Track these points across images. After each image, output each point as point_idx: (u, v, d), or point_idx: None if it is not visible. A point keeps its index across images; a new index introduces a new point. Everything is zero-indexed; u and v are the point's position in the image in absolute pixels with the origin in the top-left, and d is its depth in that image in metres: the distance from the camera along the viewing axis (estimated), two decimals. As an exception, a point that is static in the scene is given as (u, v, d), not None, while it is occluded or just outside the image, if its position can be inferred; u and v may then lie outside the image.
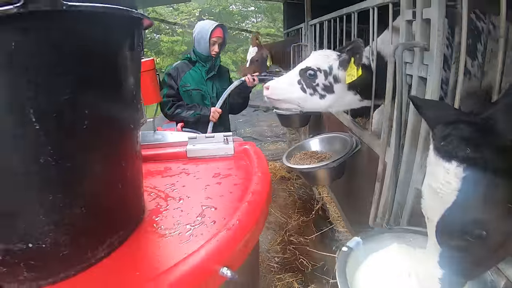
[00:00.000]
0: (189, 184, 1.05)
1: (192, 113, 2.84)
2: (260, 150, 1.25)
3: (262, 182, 0.97)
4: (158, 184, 1.05)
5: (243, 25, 16.45)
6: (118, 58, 0.69)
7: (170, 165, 1.22)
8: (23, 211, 0.62)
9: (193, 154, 1.27)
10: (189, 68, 2.94)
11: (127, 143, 0.77)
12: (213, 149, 1.28)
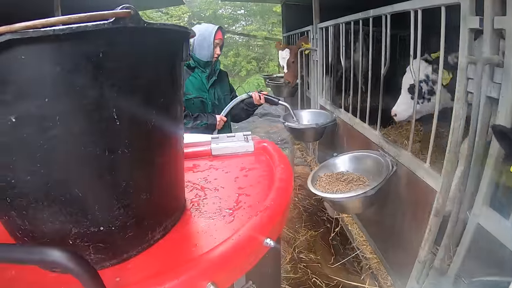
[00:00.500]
0: (220, 177, 1.21)
1: (199, 123, 2.83)
2: (278, 147, 1.41)
3: (286, 172, 1.12)
4: (192, 178, 1.21)
5: (233, 29, 16.51)
6: (176, 66, 0.85)
7: (197, 162, 1.37)
8: (100, 196, 0.74)
9: (217, 152, 1.42)
10: (188, 75, 2.92)
11: (178, 140, 0.92)
12: (235, 147, 1.43)
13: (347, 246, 3.25)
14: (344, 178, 2.27)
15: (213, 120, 2.86)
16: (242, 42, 16.59)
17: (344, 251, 3.25)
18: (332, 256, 3.31)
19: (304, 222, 4.06)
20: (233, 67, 15.56)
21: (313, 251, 3.51)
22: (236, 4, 16.17)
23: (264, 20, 16.18)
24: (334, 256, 3.29)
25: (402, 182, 2.12)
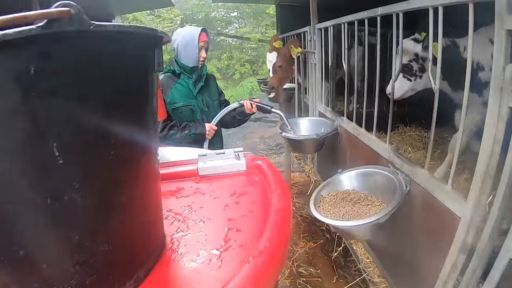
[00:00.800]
0: (207, 205, 1.04)
1: (188, 133, 2.76)
2: (273, 165, 1.25)
3: (283, 199, 0.96)
4: (174, 206, 1.04)
5: (226, 31, 16.46)
6: (144, 79, 0.69)
7: (182, 185, 1.21)
8: (48, 254, 0.59)
9: (205, 172, 1.26)
10: (174, 82, 2.85)
11: (151, 168, 0.76)
12: (224, 166, 1.27)
13: (348, 259, 3.16)
14: (350, 198, 2.08)
15: (202, 129, 2.79)
16: (235, 45, 16.54)
17: (346, 263, 3.14)
18: (333, 269, 3.19)
19: (303, 233, 3.96)
20: (226, 70, 15.53)
21: (312, 264, 3.40)
22: (229, 7, 16.15)
23: (257, 22, 16.15)
24: (335, 270, 3.19)
25: (417, 203, 1.92)
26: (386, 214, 1.76)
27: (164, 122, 2.74)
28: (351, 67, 3.03)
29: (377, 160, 2.31)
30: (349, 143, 2.91)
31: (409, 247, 2.07)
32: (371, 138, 2.42)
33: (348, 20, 2.62)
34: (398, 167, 2.06)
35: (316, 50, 3.66)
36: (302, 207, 4.54)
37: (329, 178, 2.28)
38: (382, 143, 2.28)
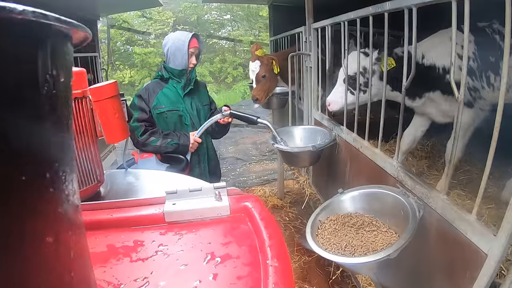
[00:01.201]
0: (170, 279, 0.71)
1: (169, 142, 2.57)
2: (265, 208, 0.94)
3: (282, 276, 0.64)
4: (125, 275, 0.72)
5: (219, 34, 16.26)
6: (25, 88, 0.35)
7: (142, 237, 0.89)
8: None
9: (174, 217, 0.94)
10: (162, 87, 2.68)
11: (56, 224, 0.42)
12: (201, 210, 0.95)
13: (345, 274, 2.93)
14: (352, 222, 1.75)
15: (185, 140, 2.61)
16: (228, 48, 16.30)
17: (343, 279, 2.94)
18: (329, 286, 2.94)
19: (297, 246, 3.63)
20: (219, 74, 15.28)
21: (307, 280, 3.14)
22: (222, 9, 15.99)
23: (250, 25, 15.93)
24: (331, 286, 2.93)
25: (431, 232, 1.63)
26: (398, 248, 1.44)
27: (146, 127, 2.57)
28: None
29: (383, 178, 2.02)
30: (349, 156, 2.63)
31: (420, 284, 1.80)
32: (376, 152, 2.12)
33: (349, 18, 2.35)
34: (408, 187, 1.77)
35: (311, 52, 3.33)
36: (296, 217, 4.22)
37: (328, 200, 1.93)
38: (389, 158, 2.00)
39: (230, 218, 0.94)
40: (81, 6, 4.45)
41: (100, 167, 1.35)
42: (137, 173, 1.63)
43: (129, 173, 1.63)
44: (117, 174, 1.63)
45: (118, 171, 1.67)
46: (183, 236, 0.88)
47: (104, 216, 0.97)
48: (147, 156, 2.52)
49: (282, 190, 4.74)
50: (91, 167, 1.28)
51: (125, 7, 5.85)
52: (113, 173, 1.65)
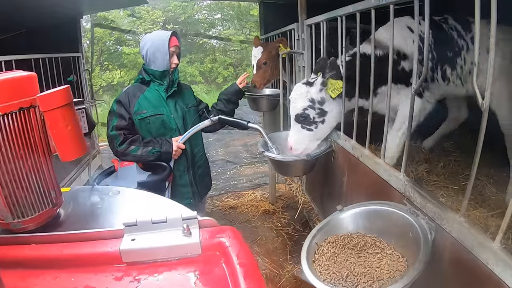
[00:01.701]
0: None
1: (150, 150, 2.43)
2: (245, 245, 0.74)
3: None
4: None
5: (210, 34, 16.07)
6: None
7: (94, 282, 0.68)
8: None
9: (133, 257, 0.73)
10: (143, 90, 2.54)
11: None
12: (165, 248, 0.73)
13: None
14: (353, 244, 1.54)
15: (167, 147, 2.47)
16: (219, 47, 16.09)
17: None
18: None
19: (290, 254, 3.58)
20: (209, 74, 15.05)
21: None
22: (212, 8, 15.86)
23: (241, 24, 15.74)
24: None
25: (445, 258, 1.41)
26: (409, 282, 1.22)
27: (125, 135, 2.41)
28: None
29: (387, 193, 1.79)
30: (347, 165, 2.39)
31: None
32: (380, 163, 1.88)
33: (347, 12, 2.11)
34: (418, 205, 1.55)
35: (305, 50, 3.09)
36: (288, 223, 4.12)
37: (326, 219, 1.72)
38: (394, 171, 1.76)
39: (201, 258, 0.74)
40: (62, 4, 4.21)
41: (57, 187, 1.13)
42: (104, 191, 1.40)
43: (96, 190, 1.41)
44: (81, 192, 1.41)
45: (84, 189, 1.45)
46: (141, 283, 0.66)
47: (54, 252, 0.81)
48: (128, 164, 2.34)
49: (273, 195, 4.62)
50: (45, 189, 1.06)
51: (109, 5, 5.61)
52: (78, 191, 1.42)
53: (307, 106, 2.32)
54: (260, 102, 4.17)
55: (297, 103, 2.36)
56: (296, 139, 2.42)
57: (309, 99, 2.32)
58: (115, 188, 1.38)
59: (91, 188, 1.41)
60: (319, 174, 2.92)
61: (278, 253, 3.60)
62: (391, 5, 1.63)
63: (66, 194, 1.31)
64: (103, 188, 1.43)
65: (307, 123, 2.37)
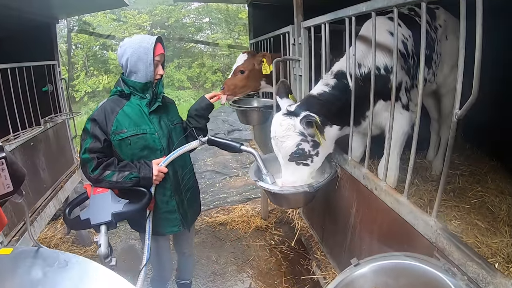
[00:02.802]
0: None
1: (127, 176, 2.09)
2: None
3: None
4: None
5: (197, 38, 15.91)
6: None
7: None
8: None
9: None
10: (122, 105, 2.17)
11: None
12: None
13: None
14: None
15: (147, 172, 2.13)
16: (207, 52, 15.91)
17: None
18: None
19: (285, 276, 3.39)
20: (197, 79, 14.83)
21: None
22: (200, 12, 15.74)
23: (230, 28, 15.59)
24: None
25: None
26: None
27: (99, 159, 2.07)
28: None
29: (412, 239, 1.45)
30: (356, 196, 2.04)
31: None
32: (402, 202, 1.52)
33: (358, 12, 1.72)
34: (455, 261, 1.22)
35: (302, 56, 2.68)
36: (282, 240, 3.90)
37: (339, 277, 1.34)
38: (423, 213, 1.41)
39: None
40: (35, 8, 3.85)
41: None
42: (50, 259, 1.03)
43: (40, 257, 1.04)
44: (22, 259, 1.03)
45: (26, 253, 1.07)
46: None
47: None
48: (102, 190, 2.05)
49: (266, 209, 4.37)
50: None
51: (86, 8, 5.25)
52: (18, 257, 1.04)
53: (300, 140, 1.99)
54: (251, 115, 3.79)
55: (287, 141, 2.00)
56: (294, 180, 2.08)
57: (299, 132, 1.98)
58: (63, 256, 1.02)
59: (36, 252, 1.05)
60: (319, 198, 2.55)
61: (273, 275, 3.42)
62: (423, 3, 1.26)
63: (3, 259, 0.97)
64: (49, 254, 1.06)
65: (303, 158, 2.04)
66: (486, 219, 2.39)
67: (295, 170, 2.07)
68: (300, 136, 1.97)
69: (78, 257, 1.02)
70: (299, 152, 2.00)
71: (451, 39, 2.58)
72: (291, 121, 1.99)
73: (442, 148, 3.12)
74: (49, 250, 1.07)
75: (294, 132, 1.97)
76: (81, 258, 1.01)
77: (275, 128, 2.05)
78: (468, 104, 1.09)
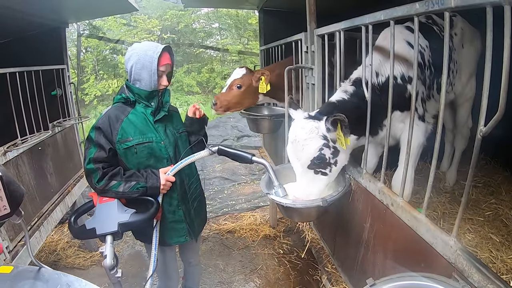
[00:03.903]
0: None
1: (134, 186, 2.03)
2: None
3: None
4: None
5: (207, 43, 15.92)
6: None
7: None
8: None
9: None
10: (127, 113, 2.11)
11: None
12: None
13: None
14: None
15: (154, 181, 2.07)
16: (216, 57, 15.91)
17: None
18: None
19: (293, 286, 3.34)
20: (207, 84, 14.80)
21: None
22: (210, 17, 15.73)
23: (239, 34, 15.58)
24: None
25: None
26: None
27: (104, 169, 2.00)
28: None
29: (430, 259, 1.38)
30: (371, 210, 1.96)
31: None
32: (420, 219, 1.44)
33: (375, 21, 1.65)
34: (475, 284, 1.15)
35: (315, 65, 2.60)
36: (291, 249, 3.84)
37: None
38: (442, 233, 1.33)
39: None
40: (45, 13, 3.84)
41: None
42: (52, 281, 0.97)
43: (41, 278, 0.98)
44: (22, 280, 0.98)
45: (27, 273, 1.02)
46: None
47: None
48: (108, 199, 1.99)
49: (274, 218, 4.30)
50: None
51: (96, 13, 5.25)
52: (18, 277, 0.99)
53: (322, 145, 1.89)
54: (261, 123, 3.70)
55: (310, 144, 1.89)
56: (310, 192, 1.96)
57: (322, 136, 1.89)
58: (65, 279, 0.97)
59: (37, 273, 0.99)
60: (332, 211, 2.46)
61: (281, 285, 3.37)
62: (446, 12, 1.20)
63: (3, 278, 0.92)
64: (50, 276, 1.00)
65: (323, 166, 1.93)
66: (500, 233, 2.33)
67: (312, 180, 1.96)
68: (323, 140, 1.88)
69: (82, 281, 0.96)
70: (321, 158, 1.89)
71: (467, 48, 2.54)
72: (315, 124, 1.90)
73: (456, 159, 3.05)
74: (51, 270, 1.02)
75: (317, 135, 1.88)
76: (84, 282, 0.95)
77: (296, 132, 1.95)
78: (494, 121, 1.02)
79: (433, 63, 2.17)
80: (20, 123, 3.08)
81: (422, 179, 2.51)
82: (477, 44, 2.62)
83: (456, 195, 2.85)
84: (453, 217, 2.50)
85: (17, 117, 3.05)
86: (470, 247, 2.09)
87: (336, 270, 2.42)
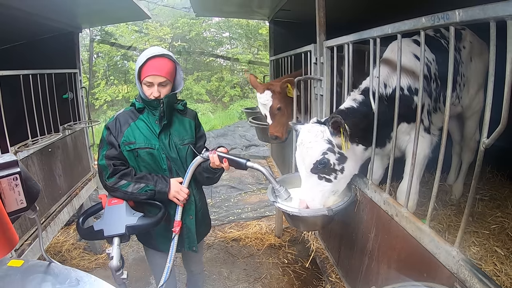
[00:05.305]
0: None
1: (143, 188, 2.04)
2: None
3: None
4: None
5: (217, 52, 16.02)
6: None
7: None
8: None
9: None
10: (135, 118, 2.15)
11: None
12: None
13: None
14: None
15: (163, 186, 2.07)
16: (226, 66, 15.97)
17: None
18: None
19: None
20: (216, 92, 14.87)
21: None
22: (220, 26, 15.84)
23: (249, 43, 15.64)
24: None
25: None
26: None
27: (115, 166, 2.03)
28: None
29: (430, 267, 1.40)
30: (376, 221, 1.96)
31: None
32: (424, 230, 1.45)
33: (383, 34, 1.67)
34: None
35: (324, 76, 2.60)
36: (295, 259, 3.84)
37: None
38: (445, 243, 1.34)
39: None
40: (60, 17, 3.92)
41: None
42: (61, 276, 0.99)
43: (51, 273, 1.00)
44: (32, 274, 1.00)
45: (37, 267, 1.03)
46: None
47: None
48: (117, 202, 2.01)
49: (280, 227, 4.31)
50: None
51: (110, 19, 5.32)
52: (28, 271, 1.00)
53: (326, 149, 1.86)
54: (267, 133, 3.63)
55: (313, 147, 1.87)
56: (313, 196, 1.92)
57: (327, 140, 1.87)
58: (74, 274, 0.99)
59: (47, 267, 1.02)
60: (337, 220, 2.46)
61: None
62: (451, 27, 1.23)
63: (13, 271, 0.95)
64: (60, 271, 1.02)
65: (327, 172, 1.89)
66: (506, 246, 2.30)
67: (316, 185, 1.92)
68: (327, 144, 1.86)
69: (91, 277, 0.98)
70: (324, 162, 1.86)
71: (476, 61, 2.54)
72: (321, 128, 1.89)
73: (463, 172, 3.03)
74: (61, 266, 1.04)
75: (322, 138, 1.87)
76: (94, 277, 0.97)
77: (302, 135, 1.94)
78: (497, 133, 1.04)
79: (439, 76, 2.18)
80: (31, 125, 3.14)
81: (428, 191, 2.51)
82: (486, 57, 2.61)
83: (462, 208, 2.80)
84: (458, 229, 2.50)
85: (28, 118, 3.11)
86: (475, 260, 2.09)
87: (340, 280, 2.42)
